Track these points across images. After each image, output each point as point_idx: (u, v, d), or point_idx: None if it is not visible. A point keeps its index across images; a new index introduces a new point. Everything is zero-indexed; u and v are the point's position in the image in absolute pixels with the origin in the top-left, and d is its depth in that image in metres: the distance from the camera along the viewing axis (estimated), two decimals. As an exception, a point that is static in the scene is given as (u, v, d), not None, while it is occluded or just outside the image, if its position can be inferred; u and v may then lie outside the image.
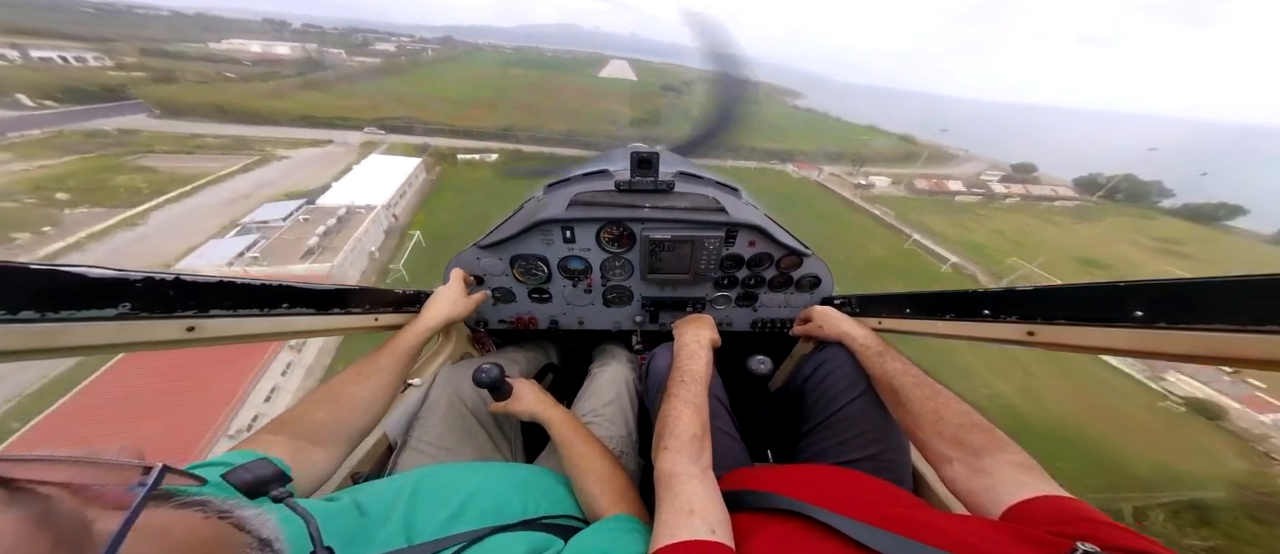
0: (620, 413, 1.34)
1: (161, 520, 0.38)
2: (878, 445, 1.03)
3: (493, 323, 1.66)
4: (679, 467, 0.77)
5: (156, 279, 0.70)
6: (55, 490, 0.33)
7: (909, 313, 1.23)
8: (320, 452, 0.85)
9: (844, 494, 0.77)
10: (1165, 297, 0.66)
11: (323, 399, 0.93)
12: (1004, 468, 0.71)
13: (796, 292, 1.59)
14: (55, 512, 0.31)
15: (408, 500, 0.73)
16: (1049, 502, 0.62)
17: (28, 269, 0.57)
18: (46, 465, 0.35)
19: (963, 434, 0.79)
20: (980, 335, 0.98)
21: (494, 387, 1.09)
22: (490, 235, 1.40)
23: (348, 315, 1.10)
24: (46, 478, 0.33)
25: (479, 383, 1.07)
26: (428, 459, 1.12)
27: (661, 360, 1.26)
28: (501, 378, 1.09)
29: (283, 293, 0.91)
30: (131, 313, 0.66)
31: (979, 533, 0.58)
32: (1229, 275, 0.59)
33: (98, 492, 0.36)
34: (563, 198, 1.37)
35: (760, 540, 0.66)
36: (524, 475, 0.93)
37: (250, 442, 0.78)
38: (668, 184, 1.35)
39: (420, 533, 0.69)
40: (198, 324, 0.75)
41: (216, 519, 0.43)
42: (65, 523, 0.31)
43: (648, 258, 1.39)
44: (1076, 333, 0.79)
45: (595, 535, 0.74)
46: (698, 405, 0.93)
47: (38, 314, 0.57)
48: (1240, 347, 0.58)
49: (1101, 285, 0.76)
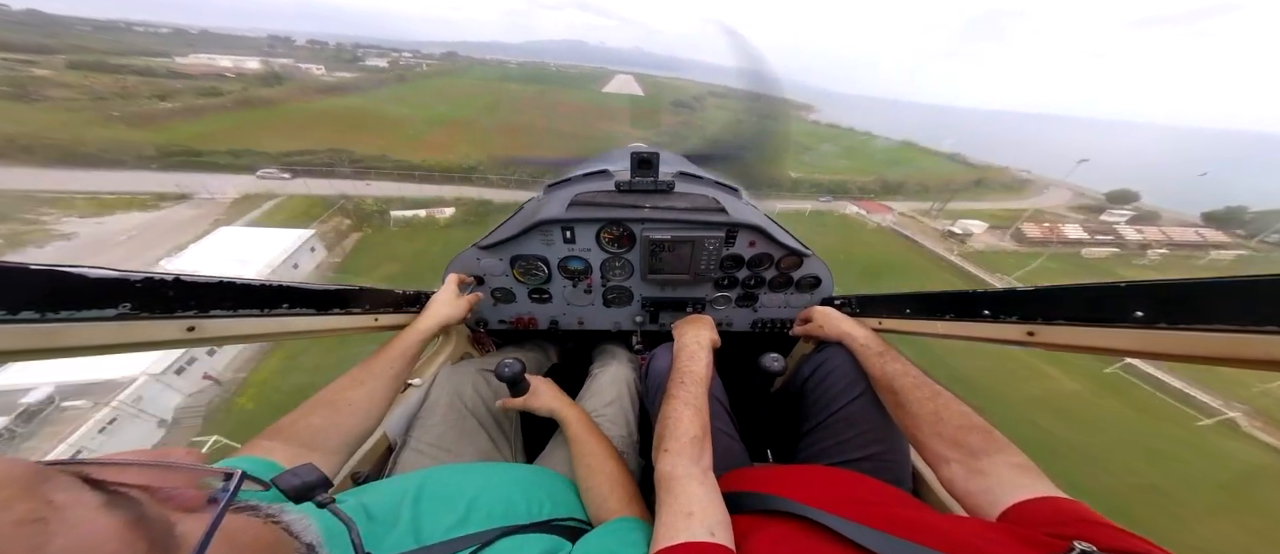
0: (621, 413, 1.34)
1: (232, 524, 0.39)
2: (877, 446, 1.03)
3: (493, 323, 1.66)
4: (679, 468, 0.77)
5: (156, 279, 0.70)
6: (138, 494, 0.34)
7: (909, 313, 1.22)
8: (318, 457, 0.85)
9: (843, 495, 0.77)
10: (1166, 297, 0.66)
11: (319, 405, 0.92)
12: (1002, 469, 0.71)
13: (796, 292, 1.59)
14: (147, 514, 0.33)
15: (413, 503, 0.73)
16: (1047, 503, 0.62)
17: (28, 269, 0.57)
18: (127, 468, 0.36)
19: (961, 435, 0.79)
20: (980, 336, 0.98)
21: (515, 382, 1.14)
22: (491, 236, 1.41)
23: (348, 315, 1.10)
24: (129, 480, 0.35)
25: (501, 377, 1.12)
26: (428, 459, 1.12)
27: (661, 361, 1.25)
28: (523, 374, 1.14)
29: (283, 293, 0.91)
30: (132, 313, 0.66)
31: (977, 534, 0.58)
32: (1229, 276, 0.59)
33: (170, 494, 0.37)
34: (563, 198, 1.37)
35: (759, 541, 0.66)
36: (526, 476, 0.93)
37: (247, 449, 0.78)
38: (668, 184, 1.35)
39: (429, 535, 0.69)
40: (198, 324, 0.75)
41: (272, 524, 0.45)
42: (155, 526, 0.33)
43: (648, 258, 1.39)
44: (1077, 333, 0.78)
45: (602, 537, 0.74)
46: (698, 407, 0.93)
47: (38, 314, 0.57)
48: (1240, 347, 0.58)
49: (1102, 285, 0.75)
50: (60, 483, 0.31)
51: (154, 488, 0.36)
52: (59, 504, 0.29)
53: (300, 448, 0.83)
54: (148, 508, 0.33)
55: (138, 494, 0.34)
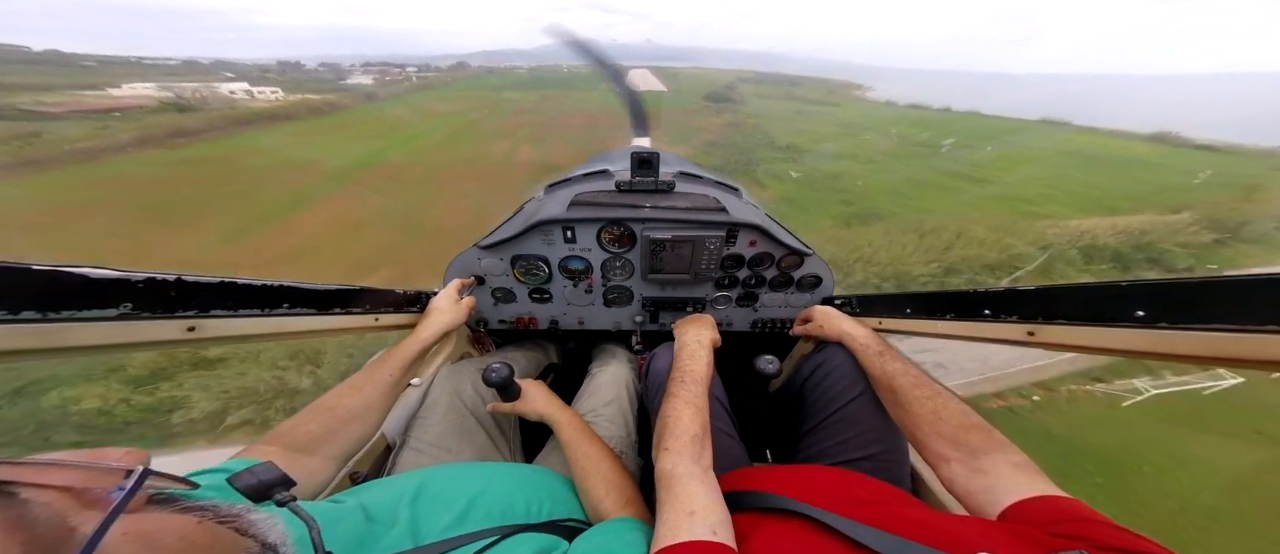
0: (620, 413, 1.34)
1: (151, 524, 0.37)
2: (877, 446, 1.03)
3: (493, 323, 1.66)
4: (680, 467, 0.77)
5: (158, 280, 0.70)
6: (48, 495, 0.33)
7: (909, 313, 1.22)
8: (315, 461, 0.86)
9: (844, 494, 0.77)
10: (1166, 296, 0.65)
11: (317, 411, 0.93)
12: (1002, 468, 0.71)
13: (797, 291, 1.58)
14: (31, 514, 0.31)
15: (412, 503, 0.73)
16: (1047, 501, 0.62)
17: (29, 269, 0.57)
18: (47, 468, 0.34)
19: (961, 435, 0.79)
20: (980, 335, 0.98)
21: (504, 387, 1.11)
22: (491, 236, 1.41)
23: (348, 315, 1.10)
24: (45, 481, 0.33)
25: (489, 382, 1.09)
26: (428, 459, 1.12)
27: (661, 360, 1.24)
28: (511, 378, 1.11)
29: (283, 293, 0.91)
30: (133, 313, 0.66)
31: (978, 533, 0.58)
32: (1229, 275, 0.59)
33: (94, 496, 0.35)
34: (563, 198, 1.37)
35: (760, 540, 0.66)
36: (526, 476, 0.93)
37: (247, 453, 0.79)
38: (668, 184, 1.35)
39: (426, 535, 0.69)
40: (198, 324, 0.75)
41: (214, 523, 0.42)
42: (43, 525, 0.31)
43: (648, 258, 1.39)
44: (1077, 333, 0.78)
45: (599, 536, 0.74)
46: (698, 406, 0.92)
47: (39, 314, 0.57)
48: (1241, 347, 0.57)
49: (1102, 285, 0.75)
50: None
51: (78, 489, 0.35)
52: None
53: (298, 453, 0.83)
54: (34, 508, 0.32)
55: (39, 495, 0.32)
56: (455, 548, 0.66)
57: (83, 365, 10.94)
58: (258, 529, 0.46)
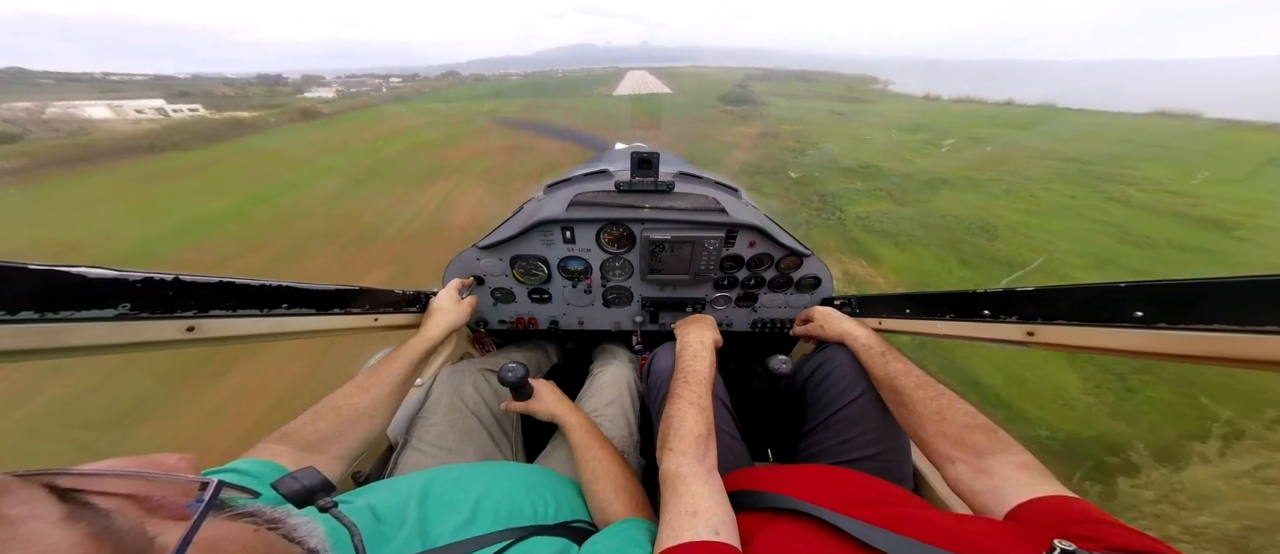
0: (621, 413, 1.35)
1: (215, 533, 0.38)
2: (879, 446, 1.03)
3: (493, 323, 1.66)
4: (684, 467, 0.77)
5: (156, 280, 0.70)
6: (118, 503, 0.34)
7: (909, 313, 1.23)
8: (323, 461, 0.86)
9: (846, 494, 0.77)
10: (1165, 297, 0.66)
11: (325, 410, 0.93)
12: (1008, 468, 0.71)
13: (796, 292, 1.59)
14: (116, 526, 0.32)
15: (419, 503, 0.73)
16: (1053, 501, 0.62)
17: (27, 269, 0.57)
18: (110, 478, 0.35)
19: (966, 435, 0.79)
20: (980, 336, 0.99)
21: (518, 386, 1.13)
22: (490, 236, 1.41)
23: (348, 315, 1.10)
24: (111, 490, 0.34)
25: (504, 381, 1.12)
26: (429, 459, 1.13)
27: (662, 360, 1.25)
28: (526, 378, 1.14)
29: (283, 293, 0.91)
30: (131, 313, 0.66)
31: (984, 533, 0.58)
32: (1229, 275, 0.59)
33: (159, 504, 0.36)
34: (563, 198, 1.38)
35: (763, 540, 0.66)
36: (531, 477, 0.93)
37: (255, 451, 0.79)
38: (668, 184, 1.36)
39: (436, 537, 0.68)
40: (198, 324, 0.75)
41: (266, 530, 0.43)
42: (126, 537, 0.32)
43: (648, 258, 1.39)
44: (1076, 333, 0.79)
45: (608, 539, 0.74)
46: (702, 406, 0.92)
47: (37, 314, 0.57)
48: (1240, 347, 0.58)
49: (1102, 286, 0.75)
50: (18, 495, 0.30)
51: (142, 497, 0.35)
52: (12, 518, 0.29)
53: (306, 452, 0.83)
54: (117, 520, 0.32)
55: (112, 504, 0.33)
56: (473, 551, 0.66)
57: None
58: (300, 534, 0.47)
